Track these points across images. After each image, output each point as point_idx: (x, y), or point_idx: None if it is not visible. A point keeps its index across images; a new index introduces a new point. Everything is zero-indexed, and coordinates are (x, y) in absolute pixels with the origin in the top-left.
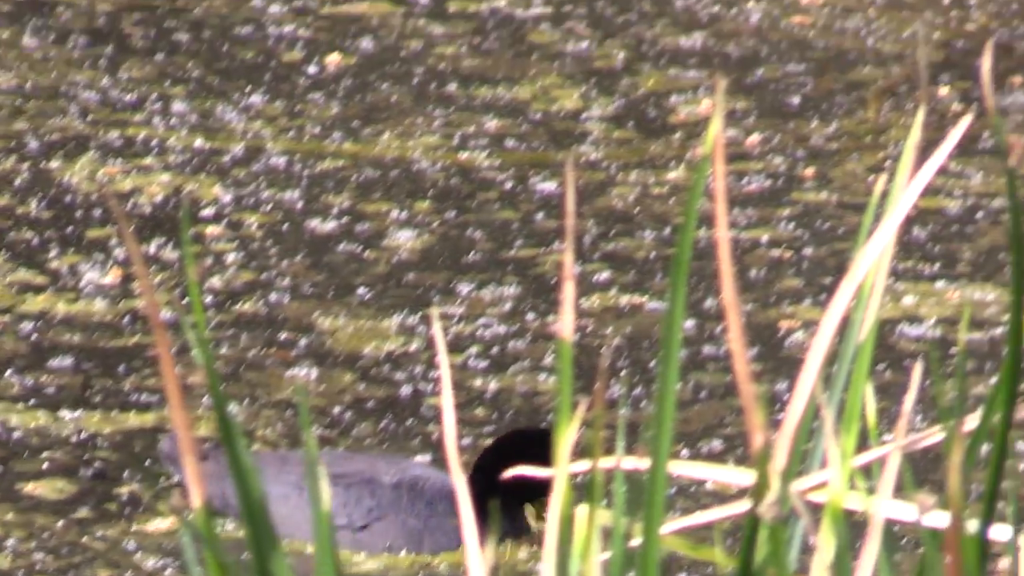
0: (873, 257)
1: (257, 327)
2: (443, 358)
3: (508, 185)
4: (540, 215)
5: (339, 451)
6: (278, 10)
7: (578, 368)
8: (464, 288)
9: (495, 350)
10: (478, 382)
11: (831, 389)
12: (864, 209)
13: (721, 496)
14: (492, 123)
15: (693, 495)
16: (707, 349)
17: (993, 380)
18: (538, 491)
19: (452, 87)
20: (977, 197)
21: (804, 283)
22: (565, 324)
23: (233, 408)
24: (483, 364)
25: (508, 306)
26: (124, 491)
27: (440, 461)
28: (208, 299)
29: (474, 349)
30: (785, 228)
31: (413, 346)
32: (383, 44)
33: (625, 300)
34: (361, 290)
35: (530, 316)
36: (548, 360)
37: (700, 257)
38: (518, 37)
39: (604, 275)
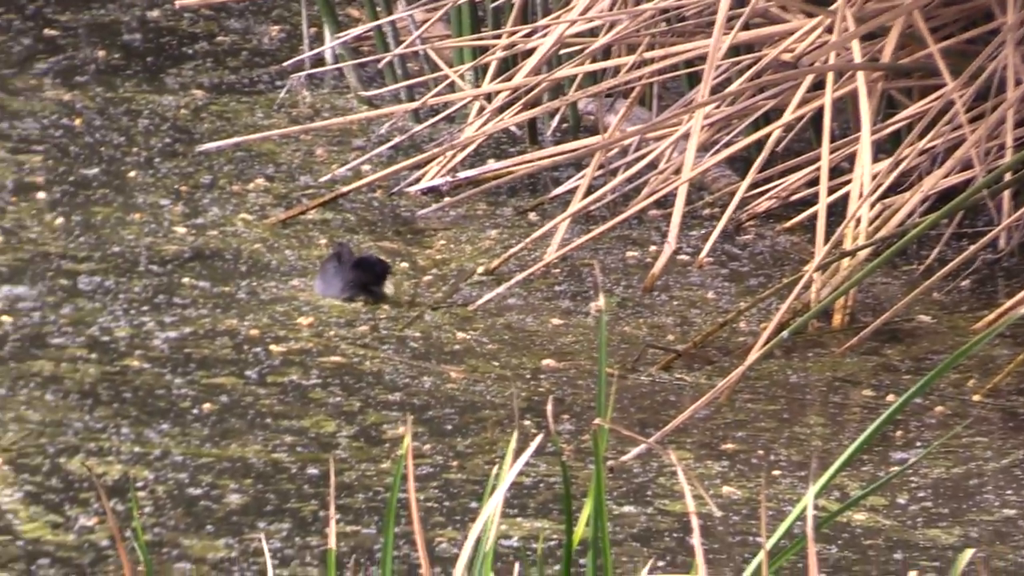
0: None
1: None
2: None
3: None
4: None
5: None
6: (180, 382)
7: None
8: None
9: None
10: None
11: None
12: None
13: None
14: (288, 439)
15: None
16: None
17: None
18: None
19: (268, 420)
20: (542, 477)
21: None
22: None
23: None
24: None
25: None
26: None
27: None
28: None
29: None
30: None
31: None
32: (233, 399)
33: None
34: None
35: None
36: None
37: None
38: (304, 395)
39: None
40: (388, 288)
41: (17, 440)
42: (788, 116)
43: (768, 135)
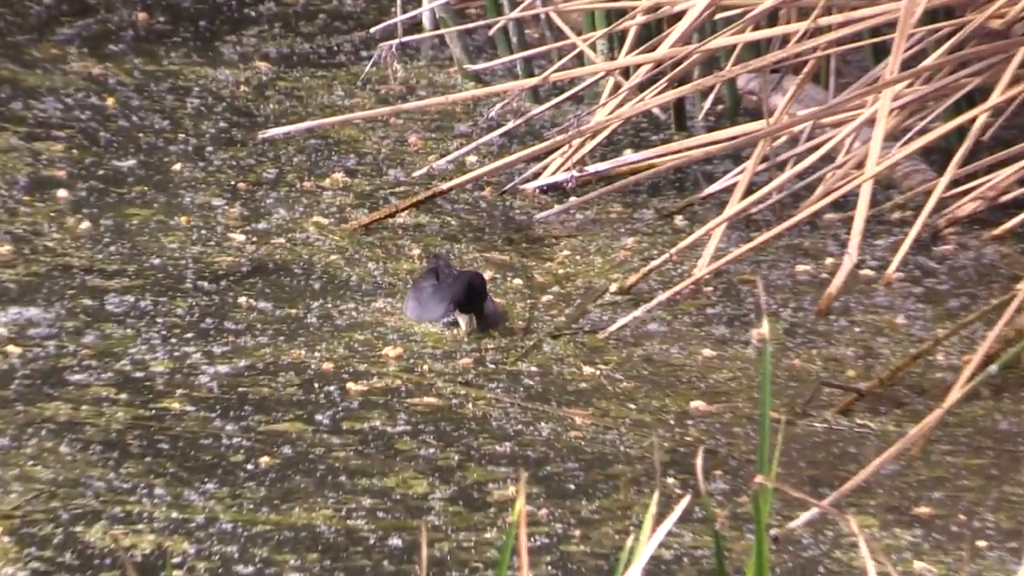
0: None
1: None
2: None
3: None
4: None
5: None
6: (231, 428)
7: None
8: None
9: None
10: None
11: None
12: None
13: None
14: (367, 502)
15: None
16: None
17: None
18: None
19: (343, 479)
20: (687, 549)
21: None
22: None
23: None
24: None
25: None
26: None
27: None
28: None
29: None
30: None
31: None
32: (298, 451)
33: None
34: None
35: None
36: None
37: None
38: (389, 446)
39: None
40: (461, 321)
41: (22, 503)
42: (997, 97)
43: (972, 120)
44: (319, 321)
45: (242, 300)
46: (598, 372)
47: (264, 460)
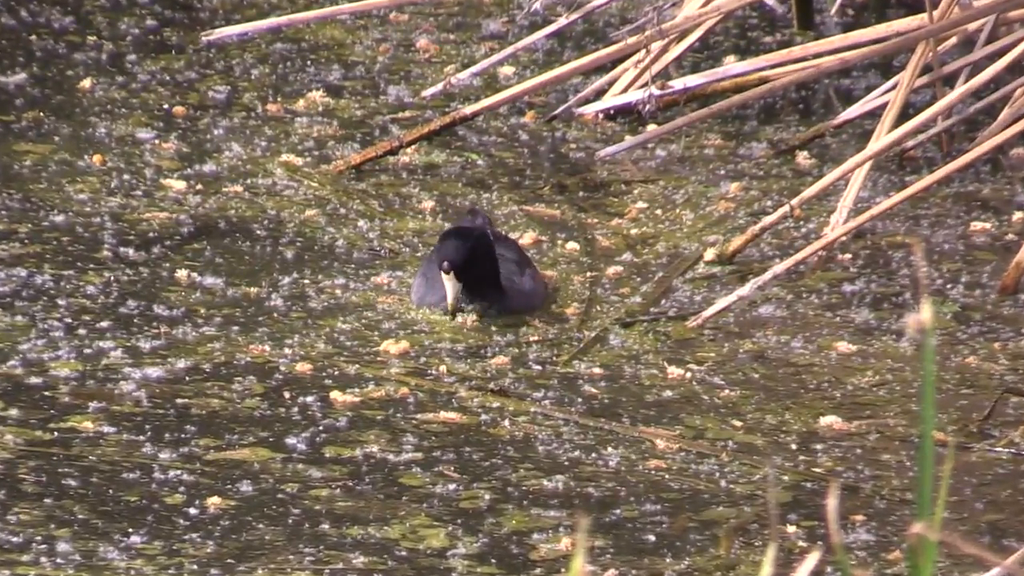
0: None
1: None
2: None
3: None
4: None
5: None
6: (166, 457)
7: None
8: None
9: None
10: None
11: None
12: None
13: None
14: (360, 559)
15: None
16: None
17: None
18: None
19: (325, 527)
20: None
21: None
22: None
23: None
24: None
25: None
26: None
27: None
28: None
29: None
30: None
31: None
32: (261, 487)
33: None
34: None
35: None
36: None
37: None
38: (390, 480)
39: None
40: (448, 288)
41: None
42: None
43: None
44: (290, 304)
45: (181, 274)
46: (688, 375)
47: (213, 502)
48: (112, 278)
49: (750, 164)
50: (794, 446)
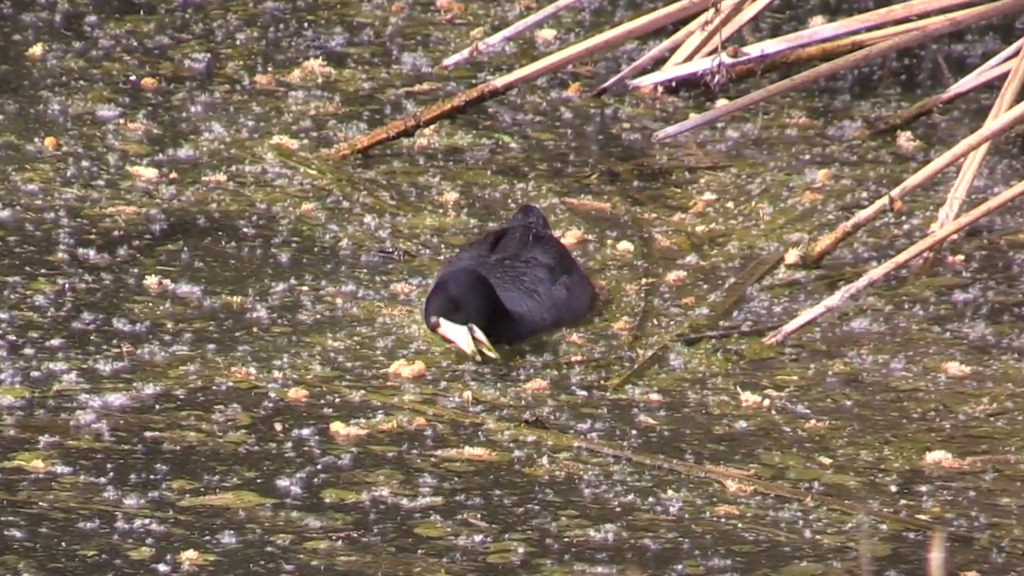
0: None
1: None
2: None
3: None
4: None
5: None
6: (132, 503)
7: None
8: None
9: None
10: None
11: None
12: None
13: None
14: None
15: None
16: None
17: None
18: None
19: None
20: None
21: None
22: None
23: None
24: None
25: None
26: None
27: None
28: None
29: None
30: None
31: None
32: (247, 539)
33: None
34: None
35: None
36: None
37: None
38: (403, 530)
39: None
40: (455, 336)
41: None
42: None
43: None
44: (280, 317)
45: (151, 280)
46: (767, 402)
47: (188, 557)
48: (67, 285)
49: (841, 147)
50: (894, 488)
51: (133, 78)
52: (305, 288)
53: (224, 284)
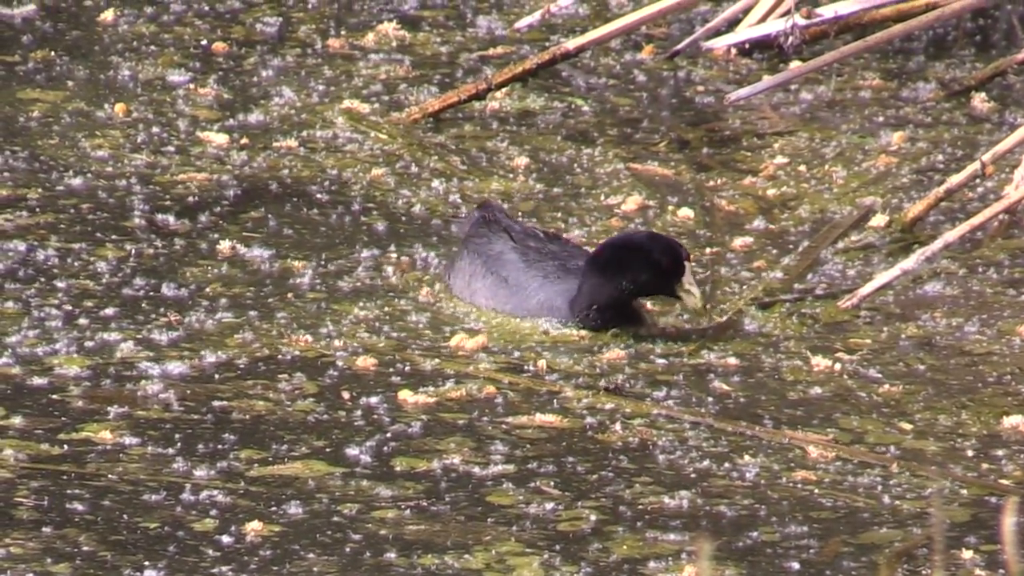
0: None
1: None
2: None
3: None
4: None
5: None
6: (202, 474)
7: None
8: None
9: None
10: None
11: None
12: None
13: None
14: None
15: None
16: None
17: None
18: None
19: (391, 556)
20: None
21: None
22: None
23: None
24: None
25: None
26: None
27: None
28: None
29: None
30: None
31: None
32: (314, 509)
33: None
34: None
35: None
36: None
37: None
38: (474, 499)
39: None
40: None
41: None
42: None
43: None
44: (348, 285)
45: (223, 246)
46: (841, 367)
47: (253, 528)
48: (133, 254)
49: (915, 109)
50: (971, 453)
51: (204, 43)
52: (370, 255)
53: (292, 250)
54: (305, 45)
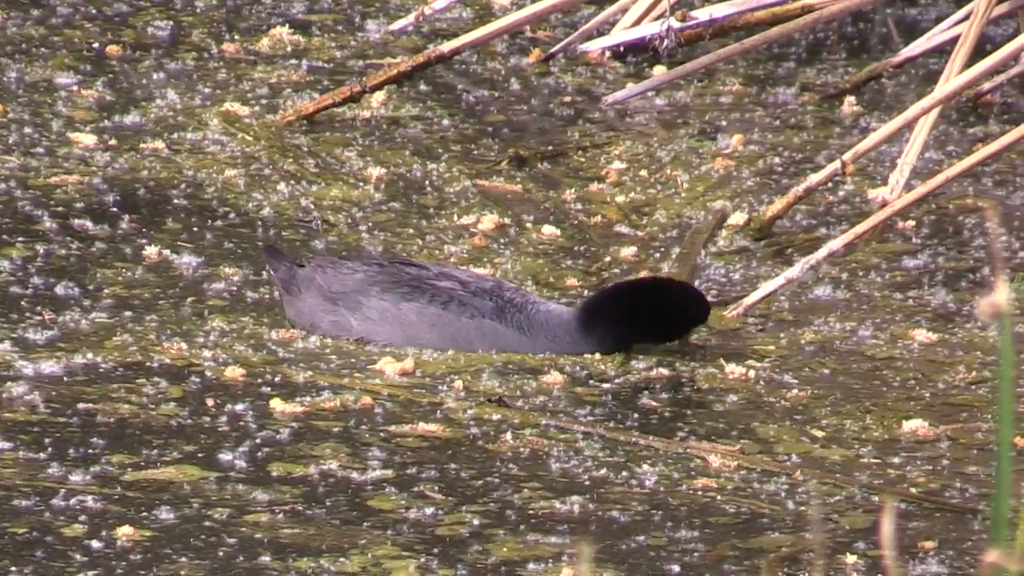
0: None
1: None
2: None
3: None
4: None
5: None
6: (78, 479)
7: None
8: None
9: None
10: None
11: None
12: None
13: None
14: None
15: None
16: None
17: None
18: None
19: (266, 559)
20: None
21: None
22: None
23: None
24: None
25: None
26: None
27: None
28: None
29: None
30: None
31: None
32: (186, 513)
33: None
34: None
35: None
36: None
37: None
38: (353, 503)
39: None
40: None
41: None
42: None
43: None
44: (212, 290)
45: (100, 247)
46: (737, 374)
47: (124, 533)
48: (17, 259)
49: (784, 112)
50: (874, 458)
51: (96, 46)
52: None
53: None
54: (200, 49)
